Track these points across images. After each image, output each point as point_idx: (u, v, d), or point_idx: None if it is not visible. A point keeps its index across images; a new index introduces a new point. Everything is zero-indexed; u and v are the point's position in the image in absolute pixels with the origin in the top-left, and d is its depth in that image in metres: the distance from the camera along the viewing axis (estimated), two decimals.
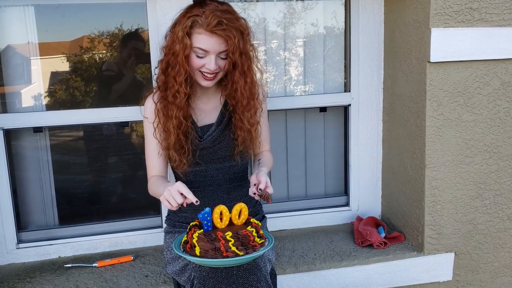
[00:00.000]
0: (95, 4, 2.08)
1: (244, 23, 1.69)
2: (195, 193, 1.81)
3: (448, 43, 1.93)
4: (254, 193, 1.60)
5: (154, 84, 1.81)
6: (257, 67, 1.77)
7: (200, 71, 1.67)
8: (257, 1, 2.22)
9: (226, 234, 1.46)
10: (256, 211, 1.92)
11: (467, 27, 1.94)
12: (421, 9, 1.96)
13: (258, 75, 1.78)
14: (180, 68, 1.64)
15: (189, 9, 1.66)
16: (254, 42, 1.75)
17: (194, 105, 1.79)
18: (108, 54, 2.19)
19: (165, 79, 1.70)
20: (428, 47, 1.93)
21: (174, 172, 1.88)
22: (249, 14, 2.23)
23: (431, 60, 1.93)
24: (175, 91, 1.68)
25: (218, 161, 1.80)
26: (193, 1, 1.69)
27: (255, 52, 1.75)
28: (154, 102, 1.75)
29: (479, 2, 1.92)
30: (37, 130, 2.11)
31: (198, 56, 1.64)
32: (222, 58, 1.67)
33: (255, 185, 1.61)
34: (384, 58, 2.29)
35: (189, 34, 1.62)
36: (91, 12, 2.09)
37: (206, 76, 1.68)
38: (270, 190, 1.60)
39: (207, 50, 1.63)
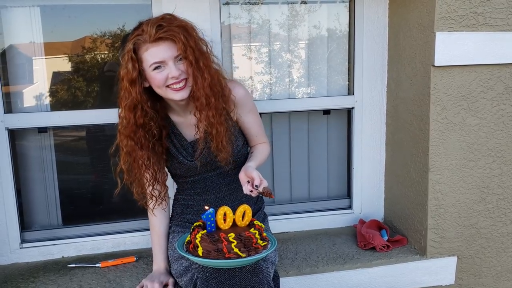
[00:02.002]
0: (101, 5, 2.09)
1: (185, 21, 1.63)
2: (197, 197, 1.84)
3: (452, 47, 1.93)
4: (251, 191, 1.59)
5: None
6: (213, 62, 1.68)
7: (167, 86, 1.61)
8: (261, 3, 2.23)
9: (229, 235, 1.46)
10: (258, 207, 1.93)
11: (472, 31, 1.94)
12: (425, 13, 1.96)
13: (216, 67, 1.69)
14: (125, 92, 1.61)
15: (130, 35, 1.62)
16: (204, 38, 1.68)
17: (181, 122, 1.78)
18: (110, 55, 2.20)
19: (120, 112, 1.66)
20: (432, 51, 1.93)
21: (174, 180, 1.89)
22: (253, 16, 2.24)
23: (436, 64, 1.93)
24: (123, 118, 1.64)
25: (216, 168, 1.80)
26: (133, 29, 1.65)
27: (208, 48, 1.67)
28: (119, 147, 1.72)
29: (483, 6, 1.92)
30: (42, 130, 2.12)
31: (157, 70, 1.59)
32: (181, 62, 1.60)
33: (248, 182, 1.60)
34: (388, 61, 2.29)
35: (136, 58, 1.58)
36: (96, 13, 2.10)
37: (175, 88, 1.61)
38: (264, 183, 1.58)
39: (162, 60, 1.58)
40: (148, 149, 1.68)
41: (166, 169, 1.88)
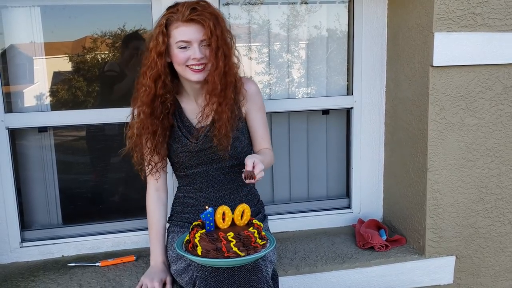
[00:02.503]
0: (101, 5, 2.10)
1: (217, 10, 1.71)
2: (197, 194, 1.85)
3: (451, 48, 1.94)
4: (245, 177, 1.59)
5: None
6: (234, 55, 1.75)
7: (187, 65, 1.69)
8: (261, 3, 2.24)
9: (228, 234, 1.47)
10: (258, 210, 1.93)
11: (470, 31, 1.95)
12: (424, 14, 1.97)
13: (235, 61, 1.76)
14: (152, 62, 1.68)
15: (163, 13, 1.71)
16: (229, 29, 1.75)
17: (191, 109, 1.81)
18: (110, 55, 2.20)
19: (142, 80, 1.73)
20: (431, 51, 1.94)
21: (176, 174, 1.90)
22: (253, 16, 2.24)
23: (434, 64, 1.94)
24: (146, 86, 1.71)
25: (218, 161, 1.81)
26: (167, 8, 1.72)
27: (233, 41, 1.75)
28: (132, 115, 1.79)
29: (482, 7, 1.93)
30: (42, 129, 2.12)
31: (182, 49, 1.66)
32: (206, 46, 1.68)
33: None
34: (387, 61, 2.30)
35: (165, 33, 1.66)
36: (96, 13, 2.11)
37: (194, 69, 1.69)
38: (258, 168, 1.58)
39: (188, 40, 1.65)
40: (159, 119, 1.75)
41: (168, 162, 1.90)
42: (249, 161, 1.61)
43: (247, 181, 1.59)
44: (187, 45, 1.66)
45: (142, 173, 1.85)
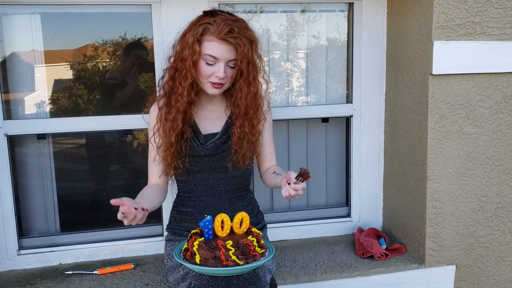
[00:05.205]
0: (101, 13, 2.11)
1: (253, 33, 1.73)
2: (197, 202, 1.84)
3: (450, 56, 1.94)
4: (301, 173, 1.55)
5: (158, 91, 1.83)
6: (263, 78, 1.79)
7: (208, 80, 1.70)
8: (260, 12, 2.24)
9: (226, 242, 1.46)
10: (258, 220, 1.93)
11: (469, 40, 1.95)
12: (423, 22, 1.97)
13: (264, 86, 1.81)
14: (187, 73, 1.68)
15: (199, 18, 1.70)
16: (261, 53, 1.79)
17: (199, 114, 1.82)
18: (111, 63, 2.21)
19: (172, 84, 1.73)
20: (430, 60, 1.94)
21: (177, 180, 1.89)
22: (253, 25, 2.24)
23: (433, 73, 1.94)
24: (178, 94, 1.71)
25: (220, 170, 1.81)
26: (203, 11, 1.73)
27: (262, 63, 1.78)
28: (158, 108, 1.78)
29: (481, 16, 1.93)
30: (41, 137, 2.12)
31: (207, 64, 1.67)
32: (231, 67, 1.70)
33: (288, 183, 1.58)
34: (386, 70, 2.30)
35: (199, 41, 1.66)
36: (96, 21, 2.11)
37: (214, 85, 1.70)
38: (301, 186, 1.57)
39: (217, 58, 1.66)
40: (183, 108, 1.74)
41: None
42: (292, 173, 1.59)
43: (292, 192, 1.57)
44: (214, 61, 1.67)
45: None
